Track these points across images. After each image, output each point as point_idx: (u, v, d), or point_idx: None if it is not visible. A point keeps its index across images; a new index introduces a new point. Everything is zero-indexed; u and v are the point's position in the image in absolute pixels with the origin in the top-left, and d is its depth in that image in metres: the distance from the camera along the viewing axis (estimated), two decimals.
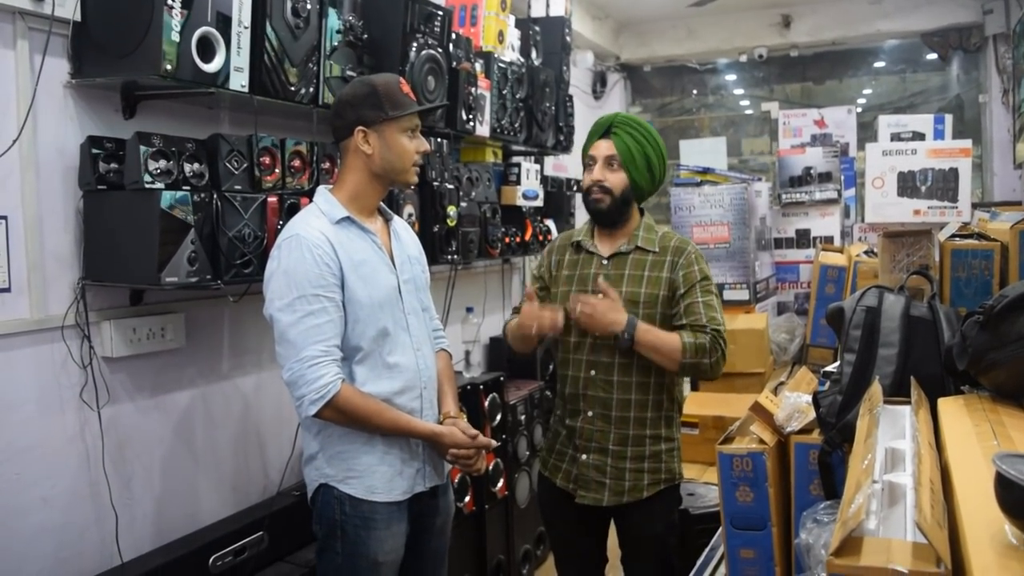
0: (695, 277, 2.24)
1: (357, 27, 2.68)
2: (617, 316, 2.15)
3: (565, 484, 2.32)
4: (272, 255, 1.97)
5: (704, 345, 2.15)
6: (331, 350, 1.90)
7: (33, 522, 2.12)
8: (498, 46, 3.69)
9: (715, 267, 4.22)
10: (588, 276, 2.30)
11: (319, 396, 1.86)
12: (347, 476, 1.98)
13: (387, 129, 2.00)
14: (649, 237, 2.30)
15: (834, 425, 1.46)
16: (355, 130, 2.00)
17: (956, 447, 1.13)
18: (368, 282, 1.98)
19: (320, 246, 1.91)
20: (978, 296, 1.73)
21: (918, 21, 5.65)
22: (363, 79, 2.09)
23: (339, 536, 1.97)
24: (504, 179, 3.86)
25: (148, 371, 2.42)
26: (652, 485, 2.25)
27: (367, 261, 2.00)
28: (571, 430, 2.31)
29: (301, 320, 1.88)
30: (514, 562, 3.55)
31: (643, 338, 2.16)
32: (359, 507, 1.97)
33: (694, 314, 2.20)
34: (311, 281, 1.89)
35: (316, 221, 1.97)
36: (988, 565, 0.79)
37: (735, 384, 3.67)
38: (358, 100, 2.01)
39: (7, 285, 2.07)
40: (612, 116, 2.32)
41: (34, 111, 2.10)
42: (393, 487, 2.01)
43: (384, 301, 2.01)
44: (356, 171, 2.04)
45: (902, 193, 2.64)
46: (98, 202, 2.19)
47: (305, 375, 1.86)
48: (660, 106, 6.93)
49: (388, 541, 2.00)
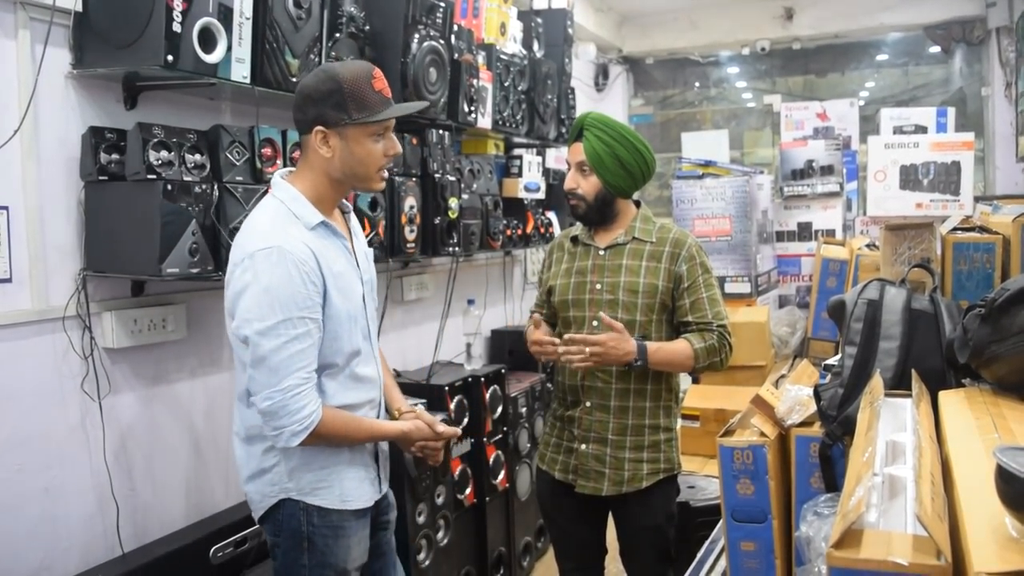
0: (698, 271, 2.26)
1: (359, 18, 2.67)
2: (627, 346, 2.15)
3: (564, 476, 2.33)
4: (242, 265, 1.74)
5: (714, 346, 2.21)
6: (311, 376, 1.77)
7: (34, 512, 2.12)
8: (500, 38, 3.69)
9: (716, 260, 4.22)
10: (586, 268, 2.31)
11: (302, 428, 1.74)
12: (315, 487, 1.87)
13: (351, 132, 1.80)
14: (646, 228, 2.31)
15: (835, 418, 1.46)
16: (314, 130, 1.80)
17: (957, 440, 1.13)
18: (345, 295, 1.85)
19: (306, 262, 1.75)
20: (980, 289, 1.72)
21: (921, 14, 5.64)
22: (328, 70, 1.82)
23: (305, 548, 1.87)
24: (506, 171, 3.86)
25: (149, 362, 2.42)
26: (651, 475, 2.27)
27: (344, 273, 1.86)
28: (570, 420, 2.32)
29: (285, 345, 1.72)
30: (515, 554, 3.55)
31: (655, 358, 2.19)
32: (328, 517, 1.87)
33: (700, 311, 2.23)
34: (298, 303, 1.73)
35: (294, 230, 1.78)
36: (989, 558, 0.79)
37: (736, 377, 3.66)
38: (320, 96, 1.78)
39: (8, 276, 2.07)
40: (584, 116, 2.30)
41: (35, 101, 2.10)
42: (362, 492, 1.94)
43: (356, 311, 1.89)
44: (314, 169, 1.84)
45: (904, 186, 2.63)
46: (99, 193, 2.19)
47: (288, 405, 1.72)
48: (662, 99, 6.91)
49: (355, 548, 1.93)
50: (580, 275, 2.31)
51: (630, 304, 2.24)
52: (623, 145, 2.25)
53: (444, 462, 3.00)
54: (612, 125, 2.27)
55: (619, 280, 2.25)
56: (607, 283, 2.27)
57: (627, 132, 2.28)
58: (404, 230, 2.94)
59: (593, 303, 2.27)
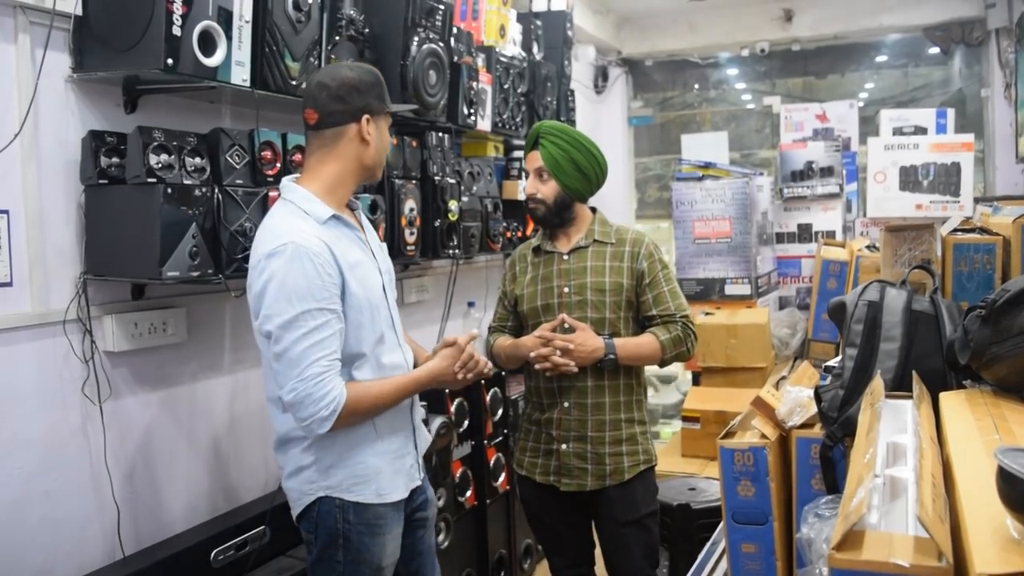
0: (657, 267, 2.37)
1: (358, 21, 2.68)
2: (595, 343, 2.26)
3: (546, 478, 2.39)
4: (259, 266, 1.82)
5: (679, 336, 2.32)
6: (333, 364, 1.81)
7: (35, 515, 2.12)
8: (499, 40, 3.69)
9: (716, 262, 4.22)
10: (552, 273, 2.38)
11: (330, 412, 1.78)
12: (352, 483, 1.91)
13: (383, 122, 1.99)
14: (604, 231, 2.40)
15: (836, 419, 1.46)
16: (361, 117, 1.91)
17: (958, 441, 1.13)
18: (364, 284, 1.91)
19: (321, 254, 1.80)
20: (980, 290, 1.72)
21: (920, 15, 5.64)
22: (360, 65, 2.02)
23: (341, 545, 1.91)
24: (505, 173, 3.86)
25: (149, 365, 2.42)
26: (632, 467, 2.34)
27: (361, 262, 1.93)
28: (547, 422, 2.38)
29: (304, 337, 1.77)
30: (515, 557, 3.55)
31: (624, 352, 2.29)
32: (364, 514, 1.92)
33: (663, 303, 2.34)
34: (315, 295, 1.78)
35: (306, 225, 1.84)
36: (990, 559, 0.79)
37: (737, 379, 3.67)
38: (366, 87, 1.92)
39: (9, 279, 2.07)
40: (539, 126, 2.39)
41: (35, 105, 2.10)
42: (396, 484, 1.98)
43: (376, 300, 1.95)
44: (344, 160, 1.93)
45: (904, 187, 2.63)
46: (99, 196, 2.19)
47: (312, 394, 1.77)
48: (661, 100, 6.91)
49: (390, 544, 1.97)
50: (546, 281, 2.38)
51: (599, 303, 2.32)
52: (579, 150, 2.34)
53: (445, 464, 3.00)
54: (568, 132, 2.36)
55: (586, 281, 2.33)
56: (574, 285, 2.34)
57: (582, 138, 2.37)
58: (404, 232, 2.95)
59: (562, 306, 2.34)
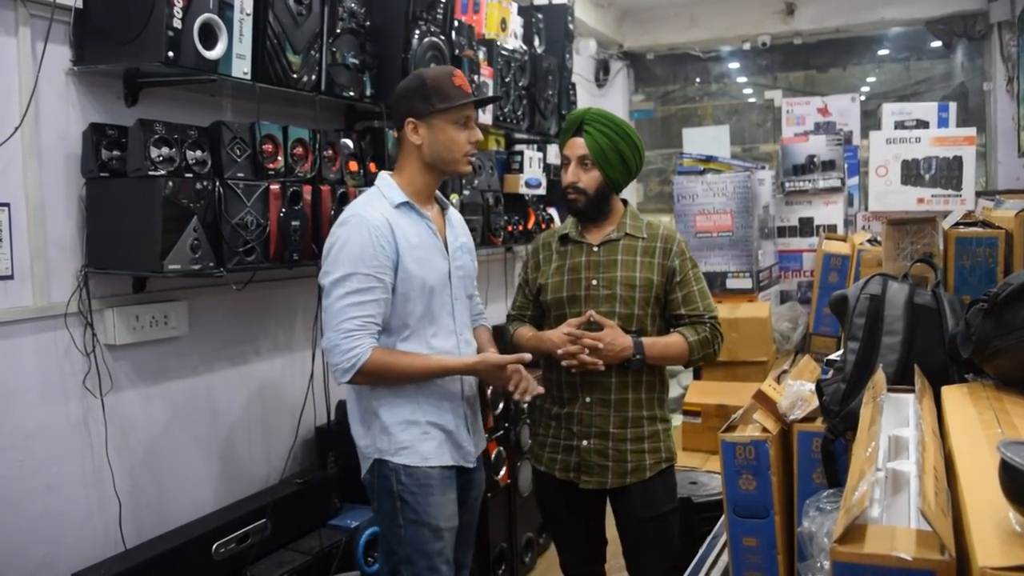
0: (688, 266, 2.33)
1: (359, 14, 2.67)
2: (624, 342, 2.22)
3: (565, 475, 2.32)
4: (333, 232, 2.06)
5: (707, 338, 2.28)
6: (368, 325, 1.98)
7: (37, 509, 2.13)
8: (501, 34, 3.68)
9: (718, 256, 4.22)
10: (580, 264, 2.32)
11: (350, 365, 1.96)
12: (399, 448, 2.07)
13: (436, 120, 2.08)
14: (636, 224, 2.35)
15: (837, 413, 1.46)
16: (405, 121, 2.09)
17: (960, 435, 1.12)
18: (421, 264, 2.07)
19: (380, 228, 2.01)
20: (982, 284, 1.72)
21: (922, 8, 5.63)
22: (417, 71, 2.19)
23: (399, 507, 2.06)
24: (507, 167, 3.85)
25: (151, 359, 2.42)
26: (654, 465, 2.29)
27: (422, 244, 2.09)
28: (568, 417, 2.31)
29: (348, 295, 1.97)
30: (517, 550, 3.55)
31: (652, 352, 2.25)
32: (414, 474, 2.06)
33: (692, 303, 2.30)
34: (365, 261, 1.98)
35: (378, 204, 2.07)
36: (992, 552, 0.79)
37: (738, 372, 3.67)
38: (409, 92, 2.09)
39: (10, 272, 2.07)
40: (583, 112, 2.33)
41: (36, 98, 2.09)
42: (443, 452, 2.11)
43: (436, 284, 2.10)
44: (408, 158, 2.13)
45: (906, 181, 2.62)
46: (100, 189, 2.19)
47: (340, 345, 1.96)
48: (663, 94, 6.90)
49: (446, 507, 2.10)
50: (573, 272, 2.32)
51: (628, 298, 2.26)
52: (624, 140, 2.29)
53: None
54: (615, 120, 2.31)
55: (616, 275, 2.27)
56: (603, 278, 2.28)
57: (628, 128, 2.33)
58: None
59: (589, 299, 2.28)
